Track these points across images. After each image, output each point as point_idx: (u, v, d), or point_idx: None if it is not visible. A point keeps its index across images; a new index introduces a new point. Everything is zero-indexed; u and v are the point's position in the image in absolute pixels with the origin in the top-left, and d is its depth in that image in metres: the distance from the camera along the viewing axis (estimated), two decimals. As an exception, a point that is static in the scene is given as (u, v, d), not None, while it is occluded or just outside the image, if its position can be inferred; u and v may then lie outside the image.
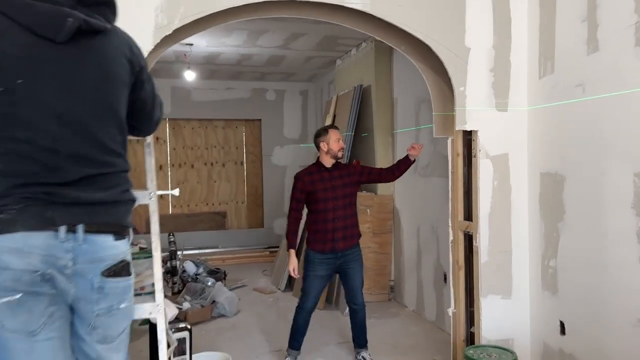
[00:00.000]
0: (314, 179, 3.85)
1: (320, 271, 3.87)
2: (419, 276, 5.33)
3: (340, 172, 3.91)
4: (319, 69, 7.88)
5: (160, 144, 8.73)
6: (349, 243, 3.89)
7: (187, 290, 5.45)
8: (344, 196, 3.86)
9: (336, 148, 3.86)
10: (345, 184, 3.88)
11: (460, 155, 3.78)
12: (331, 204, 3.82)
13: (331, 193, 3.83)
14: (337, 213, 3.84)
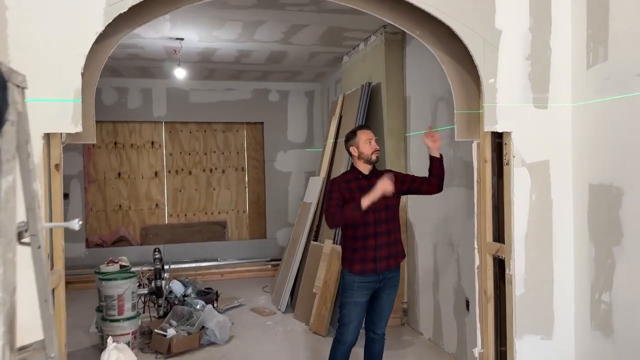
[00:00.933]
0: (351, 187, 3.23)
1: (360, 297, 3.26)
2: (436, 300, 4.66)
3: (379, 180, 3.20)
4: (325, 67, 7.25)
5: (155, 148, 8.16)
6: (392, 262, 3.29)
7: (173, 314, 4.83)
8: (386, 208, 3.24)
9: (368, 151, 3.26)
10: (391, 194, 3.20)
11: (489, 162, 3.12)
12: (372, 217, 3.19)
13: (372, 204, 3.12)
14: (379, 227, 3.22)
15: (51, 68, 2.29)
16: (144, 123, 8.07)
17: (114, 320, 4.43)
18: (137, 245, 8.03)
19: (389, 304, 3.37)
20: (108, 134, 7.99)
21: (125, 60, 6.59)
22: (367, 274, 3.21)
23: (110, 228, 8.03)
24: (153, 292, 4.94)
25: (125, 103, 7.85)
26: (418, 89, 4.98)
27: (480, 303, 3.19)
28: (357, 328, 3.30)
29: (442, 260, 4.56)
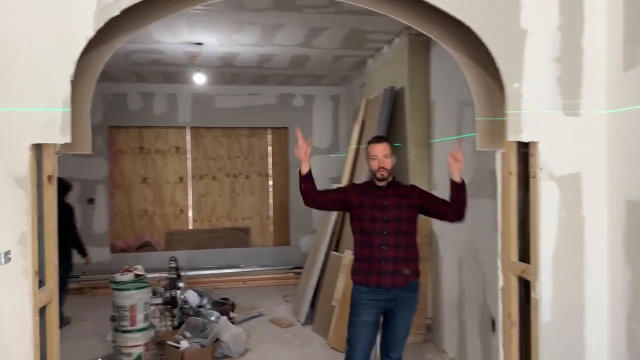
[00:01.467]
0: (364, 192, 3.20)
1: (368, 316, 3.10)
2: (461, 318, 4.39)
3: (396, 191, 3.20)
4: (350, 71, 7.06)
5: (180, 154, 8.13)
6: (400, 281, 3.09)
7: (188, 326, 4.71)
8: (397, 219, 3.12)
9: (373, 167, 3.16)
10: (401, 206, 3.15)
11: (514, 175, 2.86)
12: (379, 226, 3.10)
13: (380, 213, 3.12)
14: (386, 239, 3.10)
15: (39, 76, 2.17)
16: (169, 128, 8.05)
17: (125, 331, 4.34)
18: (161, 250, 7.99)
19: (404, 326, 3.16)
20: (134, 140, 8.00)
21: (149, 65, 6.55)
22: (371, 286, 3.06)
23: (135, 233, 8.02)
24: (167, 302, 4.84)
25: (151, 108, 7.84)
26: (443, 94, 4.73)
27: (504, 327, 2.92)
28: (365, 351, 3.10)
29: (467, 277, 4.29)
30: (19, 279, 2.16)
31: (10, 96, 2.15)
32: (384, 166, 3.11)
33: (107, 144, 7.79)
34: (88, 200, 7.70)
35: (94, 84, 2.51)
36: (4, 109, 2.14)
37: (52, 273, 2.44)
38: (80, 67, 2.44)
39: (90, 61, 2.48)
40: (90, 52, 2.47)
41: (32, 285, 2.21)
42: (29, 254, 2.19)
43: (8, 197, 2.15)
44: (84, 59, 2.45)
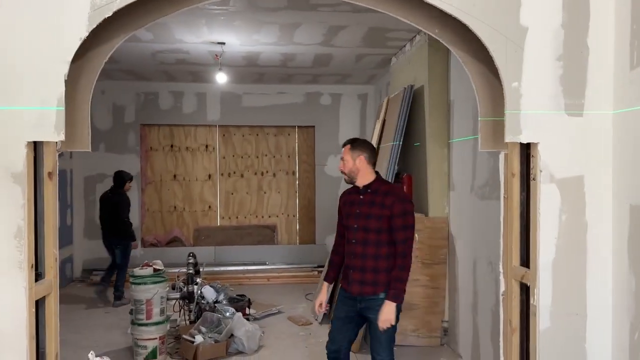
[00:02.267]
0: (346, 200, 3.28)
1: (339, 312, 3.28)
2: (475, 322, 4.29)
3: (372, 199, 3.13)
4: (376, 69, 7.00)
5: (209, 151, 8.27)
6: (368, 290, 3.11)
7: (203, 320, 4.80)
8: (365, 229, 3.11)
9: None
10: (371, 215, 3.11)
11: (517, 176, 2.77)
12: (352, 235, 3.17)
13: (353, 221, 3.18)
14: (354, 248, 3.16)
15: (34, 76, 2.26)
16: (199, 127, 8.20)
17: (142, 325, 4.45)
18: (189, 246, 8.15)
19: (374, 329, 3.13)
20: (165, 137, 8.20)
21: (176, 65, 6.70)
22: (345, 291, 3.20)
23: (165, 228, 8.22)
24: (185, 297, 4.94)
25: (181, 107, 8.02)
26: (462, 93, 4.62)
27: (504, 334, 2.84)
28: (336, 340, 3.22)
29: (481, 280, 4.19)
30: (14, 272, 2.25)
31: (7, 95, 2.24)
32: (342, 169, 3.17)
33: (139, 141, 8.01)
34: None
35: (94, 83, 2.58)
36: (1, 108, 2.23)
37: (51, 267, 2.53)
38: (79, 67, 2.52)
39: (89, 61, 2.55)
40: (89, 53, 2.54)
41: (28, 278, 2.29)
42: (25, 248, 2.27)
43: (5, 193, 2.24)
44: (82, 59, 2.53)
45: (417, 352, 4.76)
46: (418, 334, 4.89)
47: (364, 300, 3.12)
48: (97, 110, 7.88)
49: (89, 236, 7.89)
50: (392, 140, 5.22)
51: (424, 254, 4.89)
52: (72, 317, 5.90)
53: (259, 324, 5.45)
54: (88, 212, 7.90)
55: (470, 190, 4.35)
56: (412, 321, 4.89)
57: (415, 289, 4.88)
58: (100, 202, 6.52)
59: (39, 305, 2.49)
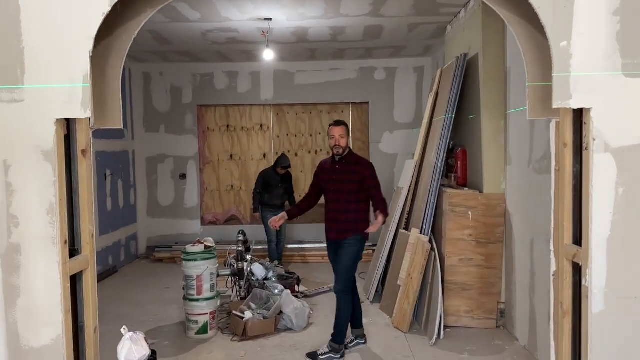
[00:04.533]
0: (323, 169, 4.29)
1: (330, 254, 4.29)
2: (532, 304, 4.05)
3: (346, 167, 4.09)
4: (431, 39, 6.69)
5: (264, 131, 8.30)
6: (340, 236, 4.09)
7: (253, 297, 4.84)
8: (338, 191, 4.07)
9: (330, 145, 4.15)
10: (344, 180, 4.06)
11: (569, 146, 2.53)
12: (328, 196, 4.18)
13: (329, 185, 4.14)
14: (330, 205, 4.14)
15: (59, 53, 2.27)
16: (253, 106, 8.23)
17: (192, 300, 4.55)
18: (247, 224, 8.27)
19: (339, 263, 4.10)
20: (221, 118, 8.30)
21: (227, 44, 6.71)
22: (327, 239, 4.24)
23: (224, 207, 8.38)
24: (235, 274, 4.99)
25: (236, 87, 8.07)
26: (519, 59, 4.28)
27: (555, 317, 2.63)
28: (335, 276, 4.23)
29: (538, 259, 3.92)
30: (48, 247, 2.30)
31: (34, 74, 2.27)
32: (338, 144, 4.02)
33: (197, 122, 8.16)
34: (180, 176, 8.16)
35: (123, 60, 2.58)
36: (29, 86, 2.27)
37: (87, 242, 2.58)
38: (108, 45, 2.53)
39: (117, 39, 2.55)
40: (117, 30, 2.53)
41: (61, 253, 2.34)
42: (57, 224, 2.32)
43: (37, 170, 2.28)
44: (110, 37, 2.53)
45: (470, 333, 4.57)
46: (473, 315, 4.69)
47: (337, 242, 4.11)
48: (156, 92, 8.09)
49: (152, 215, 8.19)
50: (444, 114, 4.97)
51: (478, 233, 4.65)
52: (132, 293, 6.16)
53: (309, 302, 5.44)
54: (151, 192, 8.18)
55: (528, 164, 4.06)
56: (466, 302, 4.69)
57: (469, 269, 4.67)
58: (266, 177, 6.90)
59: (77, 281, 2.56)
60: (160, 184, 8.17)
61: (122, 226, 7.59)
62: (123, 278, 6.95)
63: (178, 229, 8.16)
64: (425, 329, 4.60)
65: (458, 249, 4.68)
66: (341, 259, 4.05)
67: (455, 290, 4.70)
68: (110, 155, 7.25)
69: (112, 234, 7.26)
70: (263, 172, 7.03)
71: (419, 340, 4.43)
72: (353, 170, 4.05)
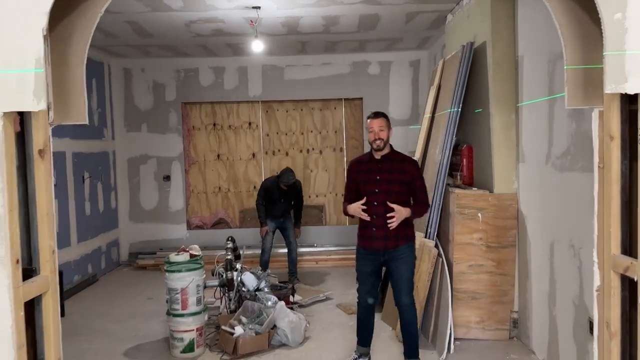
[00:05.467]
0: (360, 169, 3.74)
1: (364, 267, 3.75)
2: (552, 314, 3.68)
3: (391, 166, 3.63)
4: (429, 30, 6.32)
5: (252, 129, 7.88)
6: (391, 244, 3.60)
7: (244, 310, 4.43)
8: (387, 192, 3.57)
9: (369, 139, 3.66)
10: (393, 180, 3.60)
11: (617, 139, 2.16)
12: (372, 198, 3.58)
13: (373, 186, 3.60)
14: (377, 209, 3.57)
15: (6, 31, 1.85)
16: (241, 103, 7.81)
17: (177, 315, 4.12)
18: (235, 228, 7.86)
19: (400, 275, 3.62)
20: (207, 116, 7.86)
21: (213, 36, 6.28)
22: (366, 249, 3.66)
23: (211, 210, 7.94)
24: (224, 285, 4.58)
25: (222, 83, 7.64)
26: (533, 46, 3.94)
27: (599, 339, 2.26)
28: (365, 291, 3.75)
29: (560, 266, 3.56)
30: (-5, 268, 1.88)
31: (-27, 57, 1.84)
32: (379, 137, 3.55)
33: (181, 120, 7.72)
34: (164, 178, 7.71)
35: (88, 42, 2.16)
36: (-33, 72, 1.84)
37: (47, 260, 2.15)
38: (71, 23, 2.12)
39: (82, 15, 2.14)
40: (82, 5, 2.12)
41: (12, 275, 1.92)
42: (6, 240, 1.89)
43: (-21, 175, 1.86)
44: (74, 13, 2.12)
45: (482, 346, 4.21)
46: (484, 326, 4.32)
47: (387, 252, 3.60)
48: (138, 89, 7.64)
49: (134, 219, 7.73)
50: (449, 108, 4.60)
51: (489, 236, 4.29)
52: (113, 305, 5.71)
53: (305, 312, 5.05)
54: (133, 195, 7.72)
55: (546, 162, 3.69)
56: (477, 312, 4.32)
57: (480, 276, 4.31)
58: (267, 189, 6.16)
59: (35, 307, 2.13)
60: (143, 187, 7.71)
61: (103, 232, 7.13)
62: (104, 288, 6.49)
63: (162, 234, 7.71)
64: (433, 343, 4.22)
65: (467, 254, 4.31)
66: (401, 272, 3.62)
67: (464, 300, 4.33)
68: (89, 157, 6.78)
69: (92, 240, 6.79)
70: (265, 182, 6.36)
71: (427, 355, 4.04)
72: (402, 169, 3.61)
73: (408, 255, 3.63)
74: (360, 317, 3.83)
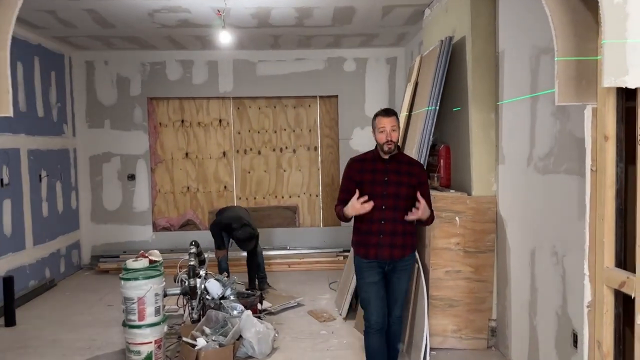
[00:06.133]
0: (365, 167, 3.30)
1: (371, 277, 3.27)
2: (533, 324, 3.49)
3: (399, 167, 3.25)
4: (407, 26, 6.11)
5: (223, 127, 7.56)
6: (397, 253, 3.25)
7: (207, 320, 4.13)
8: (396, 196, 3.22)
9: (380, 140, 3.21)
10: (401, 183, 3.23)
11: (612, 139, 1.96)
12: (379, 202, 3.18)
13: (380, 188, 3.21)
14: (385, 214, 3.21)
15: None
16: (211, 99, 7.48)
17: (133, 327, 3.80)
18: (205, 229, 7.50)
19: (400, 288, 3.32)
20: (175, 112, 7.51)
21: (179, 28, 5.95)
22: (370, 258, 3.24)
23: (178, 211, 7.60)
24: (186, 293, 4.27)
25: (191, 78, 7.30)
26: (514, 42, 3.74)
27: (590, 358, 2.05)
28: (379, 308, 3.22)
29: (541, 274, 3.36)
30: None
31: None
32: (392, 139, 3.15)
33: (147, 116, 7.35)
34: (129, 177, 7.34)
35: (12, 21, 1.85)
36: None
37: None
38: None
39: None
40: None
41: None
42: None
43: None
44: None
45: (459, 356, 4.00)
46: (461, 335, 4.12)
47: (393, 262, 3.24)
48: (101, 83, 7.24)
49: (96, 220, 7.33)
50: (426, 106, 4.38)
51: (467, 241, 4.08)
52: (71, 312, 5.35)
53: (274, 320, 4.78)
54: (95, 195, 7.32)
55: (527, 163, 3.50)
56: (453, 320, 4.11)
57: (457, 282, 4.10)
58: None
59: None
60: (105, 186, 7.32)
61: (62, 234, 6.73)
62: (62, 294, 6.10)
63: (126, 236, 7.33)
64: (408, 353, 4.00)
65: (444, 260, 4.10)
66: (402, 284, 3.32)
67: (441, 307, 4.12)
68: (47, 154, 6.38)
69: (50, 243, 6.39)
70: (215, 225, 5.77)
71: (401, 367, 3.81)
72: (410, 172, 3.25)
73: (409, 266, 3.36)
74: (373, 348, 3.26)
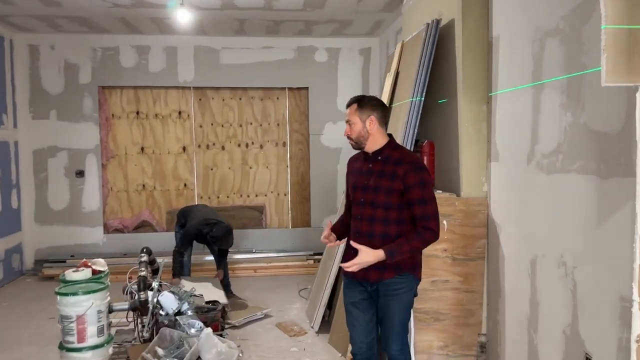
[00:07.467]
0: (354, 168, 2.85)
1: (351, 296, 2.77)
2: (533, 342, 3.09)
3: (383, 168, 2.66)
4: (383, 12, 5.67)
5: (183, 119, 6.96)
6: (373, 276, 2.63)
7: (160, 339, 3.58)
8: (372, 204, 2.65)
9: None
10: (379, 188, 2.64)
11: (672, 132, 1.53)
12: (357, 210, 2.71)
13: (360, 194, 2.71)
14: (360, 225, 2.69)
15: None
16: (170, 89, 6.87)
17: (71, 350, 3.24)
18: (162, 231, 6.93)
19: (390, 315, 2.68)
20: (129, 102, 6.87)
21: (135, 8, 5.35)
22: (347, 275, 2.71)
23: (133, 211, 6.96)
24: (136, 308, 3.70)
25: (147, 65, 6.68)
26: (511, 25, 3.33)
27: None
28: (360, 333, 2.73)
29: (545, 286, 2.96)
30: None
31: None
32: (349, 135, 2.68)
33: (98, 107, 6.69)
34: (77, 173, 6.67)
35: None
36: None
37: None
38: None
39: None
40: None
41: None
42: None
43: None
44: None
45: (446, 376, 3.58)
46: (448, 351, 3.70)
47: (375, 283, 2.66)
48: (46, 69, 6.55)
49: (41, 221, 6.64)
50: (410, 97, 3.94)
51: (455, 247, 3.66)
52: (6, 326, 4.70)
53: (239, 334, 4.28)
54: (39, 193, 6.62)
55: (528, 161, 3.09)
56: (440, 335, 3.69)
57: (444, 293, 3.68)
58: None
59: None
60: (51, 183, 6.63)
61: (2, 236, 6.03)
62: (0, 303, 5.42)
63: (75, 238, 6.66)
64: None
65: (430, 269, 3.66)
66: (391, 312, 2.67)
67: (426, 321, 3.69)
68: (-19, 147, 5.67)
69: (-15, 247, 5.69)
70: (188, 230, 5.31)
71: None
72: (393, 174, 2.60)
73: (402, 293, 2.65)
74: None
